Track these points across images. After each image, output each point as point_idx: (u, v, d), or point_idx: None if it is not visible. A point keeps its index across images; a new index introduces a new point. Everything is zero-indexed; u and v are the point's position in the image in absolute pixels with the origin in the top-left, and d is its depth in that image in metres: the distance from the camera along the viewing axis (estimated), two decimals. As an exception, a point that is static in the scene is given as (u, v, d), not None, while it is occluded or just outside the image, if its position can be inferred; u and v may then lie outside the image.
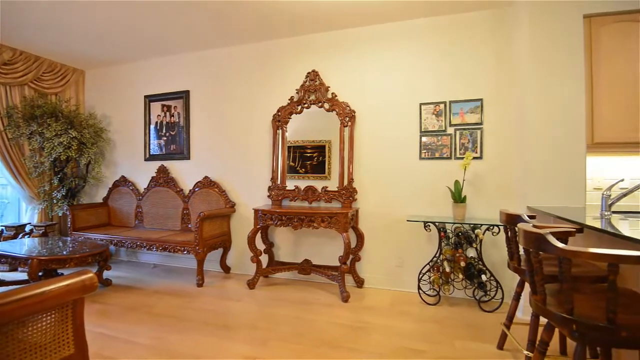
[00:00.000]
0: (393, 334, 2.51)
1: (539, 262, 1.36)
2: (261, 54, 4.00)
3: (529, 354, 1.85)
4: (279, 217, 3.34)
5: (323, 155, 3.71)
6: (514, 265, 2.03)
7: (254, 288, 3.46)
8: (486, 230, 3.00)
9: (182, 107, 4.36)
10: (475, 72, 3.28)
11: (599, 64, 2.69)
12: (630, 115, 2.63)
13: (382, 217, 3.55)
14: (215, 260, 4.05)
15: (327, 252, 3.70)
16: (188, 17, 3.39)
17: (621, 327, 1.16)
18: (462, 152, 3.29)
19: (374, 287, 3.54)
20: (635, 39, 2.64)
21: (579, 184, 2.64)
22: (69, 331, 1.09)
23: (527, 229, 1.36)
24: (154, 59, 4.50)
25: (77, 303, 1.10)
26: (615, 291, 1.15)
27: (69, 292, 1.04)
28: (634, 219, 2.02)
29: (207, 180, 4.14)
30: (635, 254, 1.09)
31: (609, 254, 1.12)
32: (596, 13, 2.68)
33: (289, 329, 2.57)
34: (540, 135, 2.74)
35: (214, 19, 3.43)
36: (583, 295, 1.42)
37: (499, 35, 3.22)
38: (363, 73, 3.63)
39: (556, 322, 1.31)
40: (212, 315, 2.83)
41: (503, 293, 3.01)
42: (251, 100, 4.04)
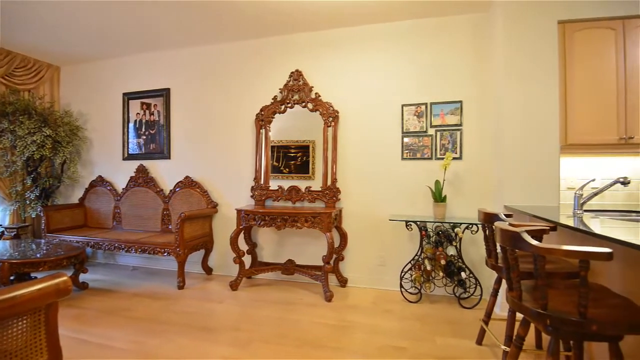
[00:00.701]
0: (376, 332, 2.54)
1: (515, 260, 1.41)
2: (244, 52, 3.96)
3: (506, 348, 1.91)
4: (262, 218, 3.32)
5: (307, 155, 3.71)
6: (492, 262, 2.09)
7: (237, 289, 3.43)
8: (465, 228, 3.08)
9: (163, 105, 4.27)
10: (455, 74, 3.36)
11: (573, 69, 2.80)
12: (602, 118, 2.76)
13: (365, 217, 3.58)
14: (197, 261, 3.99)
15: (310, 252, 3.70)
16: (169, 13, 3.32)
17: (592, 321, 1.21)
18: (442, 152, 3.36)
19: (357, 286, 3.56)
20: (607, 45, 2.76)
21: (553, 184, 2.75)
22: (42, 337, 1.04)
23: (504, 227, 1.41)
24: (133, 56, 4.38)
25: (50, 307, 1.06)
26: (587, 286, 1.20)
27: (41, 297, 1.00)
28: (604, 217, 2.12)
29: (189, 180, 4.06)
30: (604, 251, 1.14)
31: (580, 251, 1.16)
32: (570, 19, 2.79)
33: (272, 330, 2.56)
34: (516, 137, 2.83)
35: (195, 16, 3.38)
36: (557, 290, 1.48)
37: (477, 39, 3.30)
38: (346, 73, 3.65)
39: (531, 318, 1.35)
40: (194, 317, 2.79)
41: (482, 290, 3.09)
42: (234, 99, 4.00)
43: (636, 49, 2.72)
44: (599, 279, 1.83)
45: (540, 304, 1.29)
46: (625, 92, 2.73)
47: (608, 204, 2.98)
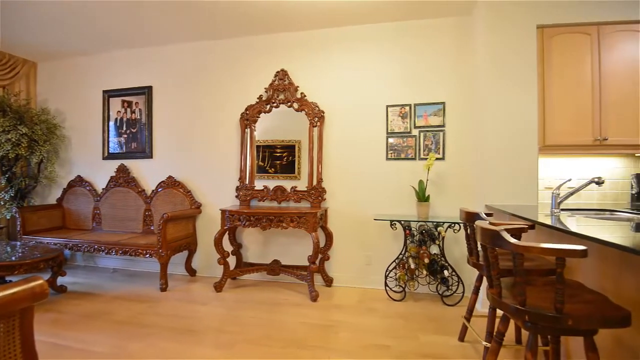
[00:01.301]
0: (360, 331, 2.56)
1: (495, 257, 1.44)
2: (229, 50, 3.92)
3: (487, 344, 1.96)
4: (247, 218, 3.29)
5: (293, 155, 3.70)
6: (473, 260, 2.14)
7: (221, 291, 3.39)
8: (448, 227, 3.14)
9: (144, 104, 4.18)
10: (439, 76, 3.42)
11: (551, 72, 2.89)
12: (578, 120, 2.86)
13: (350, 217, 3.60)
14: (180, 263, 3.92)
15: (296, 252, 3.69)
16: (151, 9, 3.26)
17: (568, 316, 1.25)
18: (425, 153, 3.41)
19: (342, 286, 3.58)
20: (583, 49, 2.87)
21: (531, 184, 2.83)
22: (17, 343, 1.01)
23: (484, 226, 1.44)
24: (114, 52, 4.27)
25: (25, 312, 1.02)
26: (563, 283, 1.24)
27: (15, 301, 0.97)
28: (580, 216, 2.20)
29: (171, 180, 3.99)
30: (579, 248, 1.18)
31: (556, 249, 1.20)
32: (549, 24, 2.88)
33: (257, 331, 2.54)
34: (496, 138, 2.90)
35: (179, 13, 3.32)
36: (535, 287, 1.52)
37: (460, 42, 3.37)
38: (332, 74, 3.66)
39: (511, 314, 1.39)
40: (177, 320, 2.74)
41: (464, 287, 3.16)
42: (218, 98, 3.95)
43: (610, 54, 2.84)
44: (575, 275, 1.89)
45: (519, 300, 1.33)
46: (600, 95, 2.84)
47: (584, 203, 3.09)
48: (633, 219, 2.10)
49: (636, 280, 1.46)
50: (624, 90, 2.82)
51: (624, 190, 3.15)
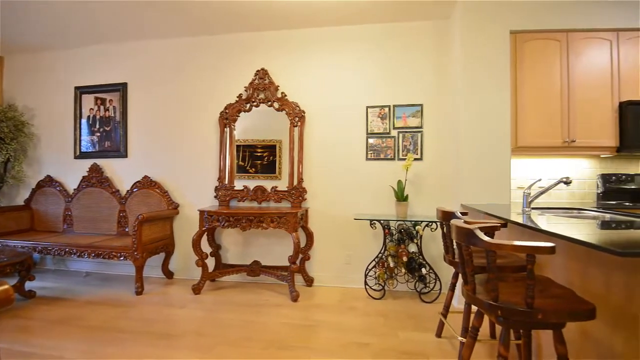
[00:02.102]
0: (341, 330, 2.57)
1: (470, 255, 1.48)
2: (208, 48, 3.85)
3: (462, 339, 2.01)
4: (227, 218, 3.24)
5: (274, 155, 3.68)
6: (449, 258, 2.19)
7: (200, 293, 3.33)
8: (425, 226, 3.21)
9: (119, 101, 4.05)
10: (417, 78, 3.48)
11: (523, 76, 3.01)
12: (548, 123, 2.99)
13: (331, 216, 3.61)
14: (157, 265, 3.82)
15: (276, 253, 3.67)
16: (125, 3, 3.16)
17: (538, 310, 1.30)
18: (404, 153, 3.47)
19: (323, 285, 3.59)
20: (552, 55, 3.00)
21: (504, 183, 2.93)
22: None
23: (459, 224, 1.48)
24: (86, 47, 4.11)
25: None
26: (533, 279, 1.29)
27: (-24, 308, 0.92)
28: (550, 214, 2.29)
29: (147, 180, 3.88)
30: (548, 245, 1.23)
31: (526, 246, 1.25)
32: (521, 30, 3.00)
33: (236, 333, 2.51)
34: (471, 139, 2.99)
35: (155, 7, 3.24)
36: (507, 283, 1.58)
37: (438, 45, 3.45)
38: (313, 74, 3.66)
39: (484, 309, 1.43)
40: (153, 324, 2.67)
41: (441, 284, 3.23)
42: (197, 96, 3.87)
43: (577, 60, 2.98)
44: (545, 271, 1.97)
45: (492, 296, 1.37)
46: (568, 100, 2.97)
47: (553, 202, 3.23)
48: (598, 217, 2.21)
49: (601, 275, 1.54)
50: (590, 95, 2.96)
51: (590, 189, 3.31)
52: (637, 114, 2.88)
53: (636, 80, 2.94)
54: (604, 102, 2.96)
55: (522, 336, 1.79)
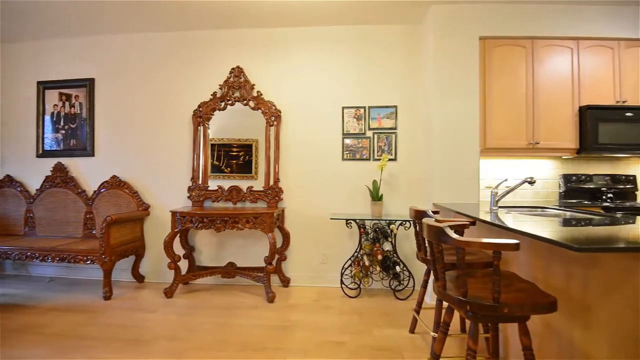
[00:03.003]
0: (317, 329, 2.58)
1: (440, 252, 1.53)
2: (181, 43, 3.75)
3: (434, 334, 2.07)
4: (200, 219, 3.17)
5: (250, 155, 3.63)
6: (422, 256, 2.25)
7: (172, 297, 3.24)
8: (399, 225, 3.27)
9: (85, 97, 3.87)
10: (392, 80, 3.55)
11: (491, 81, 3.13)
12: (514, 126, 3.13)
13: (307, 216, 3.62)
14: (127, 269, 3.68)
15: (252, 254, 3.63)
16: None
17: (504, 304, 1.36)
18: (379, 154, 3.53)
19: (300, 285, 3.58)
20: (518, 61, 3.14)
21: (473, 183, 3.05)
22: None
23: (430, 223, 1.52)
24: (50, 40, 3.90)
25: None
26: (499, 274, 1.35)
27: None
28: (515, 212, 2.40)
29: (116, 180, 3.73)
30: (512, 242, 1.29)
31: (493, 243, 1.31)
32: (489, 36, 3.12)
33: (210, 336, 2.46)
34: (443, 141, 3.09)
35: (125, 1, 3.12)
36: (475, 279, 1.64)
37: (412, 48, 3.53)
38: (289, 73, 3.65)
39: (454, 305, 1.48)
40: (122, 330, 2.57)
41: (414, 282, 3.31)
42: (168, 94, 3.76)
43: (541, 66, 3.14)
44: (511, 266, 2.06)
45: (461, 292, 1.42)
46: (533, 103, 3.13)
47: (519, 201, 3.38)
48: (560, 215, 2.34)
49: (562, 270, 1.63)
50: (553, 99, 3.13)
51: (553, 189, 3.49)
52: (595, 117, 3.07)
53: (594, 86, 3.14)
54: (565, 106, 3.13)
55: (489, 330, 1.86)
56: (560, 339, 1.63)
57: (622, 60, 3.13)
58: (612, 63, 3.14)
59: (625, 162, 3.50)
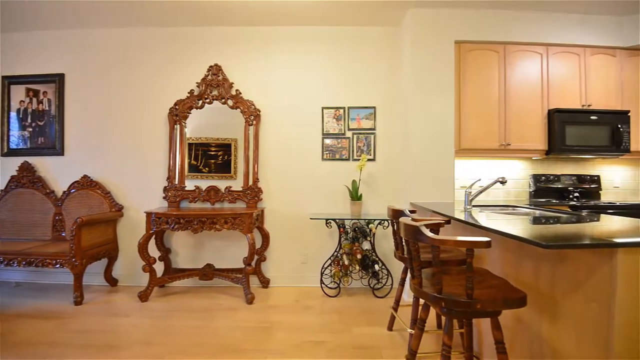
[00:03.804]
0: (297, 329, 2.58)
1: (417, 250, 1.57)
2: (156, 39, 3.65)
3: (412, 331, 2.11)
4: (177, 220, 3.10)
5: (229, 154, 3.58)
6: (399, 254, 2.29)
7: (147, 300, 3.15)
8: (378, 224, 3.32)
9: (55, 93, 3.70)
10: (371, 81, 3.60)
11: (465, 84, 3.23)
12: (487, 127, 3.24)
13: (287, 216, 3.61)
14: (99, 272, 3.55)
15: (231, 255, 3.58)
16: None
17: (477, 300, 1.41)
18: (358, 154, 3.57)
19: (279, 286, 3.57)
20: (491, 65, 3.25)
21: (449, 183, 3.13)
22: None
23: (406, 222, 1.55)
24: (16, 33, 3.69)
25: None
26: (472, 271, 1.39)
27: None
28: (488, 211, 2.48)
29: (87, 180, 3.59)
30: (484, 240, 1.34)
31: (466, 241, 1.35)
32: (464, 40, 3.21)
33: (187, 340, 2.41)
34: (419, 141, 3.16)
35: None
36: (450, 276, 1.68)
37: (390, 50, 3.59)
38: (269, 72, 3.63)
39: (430, 301, 1.52)
40: (94, 336, 2.48)
41: (392, 280, 3.37)
42: (143, 91, 3.66)
43: (513, 71, 3.26)
44: (484, 263, 2.13)
45: (437, 289, 1.45)
46: (505, 106, 3.25)
47: (492, 200, 3.50)
48: (530, 214, 2.44)
49: (531, 266, 1.70)
50: (524, 102, 3.26)
51: (523, 188, 3.63)
52: (562, 120, 3.22)
53: (562, 90, 3.29)
54: (535, 109, 3.27)
55: (464, 325, 1.92)
56: (530, 333, 1.70)
57: (587, 66, 3.30)
58: (579, 69, 3.30)
59: (591, 162, 3.69)
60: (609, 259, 1.26)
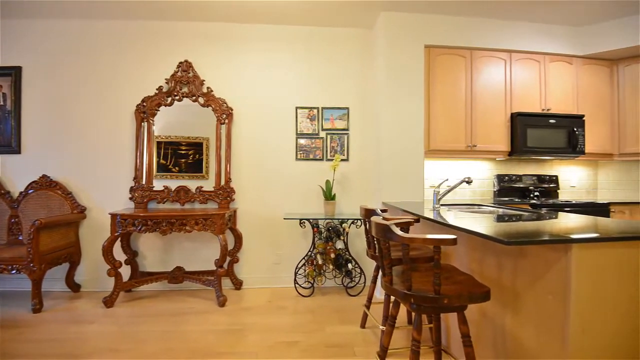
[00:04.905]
0: (269, 330, 2.56)
1: (387, 249, 1.60)
2: (123, 33, 3.49)
3: (383, 328, 2.15)
4: (144, 222, 2.99)
5: (200, 153, 3.50)
6: (371, 252, 2.33)
7: (113, 306, 3.01)
8: (351, 223, 3.36)
9: (10, 87, 3.46)
10: (344, 82, 3.63)
11: (435, 86, 3.33)
12: (454, 129, 3.36)
13: (260, 217, 3.57)
14: (60, 278, 3.35)
15: (202, 257, 3.50)
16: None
17: (444, 296, 1.46)
18: (332, 154, 3.59)
19: (253, 287, 3.53)
20: (459, 69, 3.37)
21: (419, 183, 3.22)
22: None
23: (377, 221, 1.59)
24: (-38, 23, 3.44)
25: None
26: (439, 268, 1.44)
27: None
28: (455, 210, 2.58)
29: (46, 180, 3.39)
30: (450, 237, 1.39)
31: (433, 239, 1.39)
32: (434, 45, 3.31)
33: (156, 346, 2.33)
34: (391, 142, 3.23)
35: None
36: (420, 273, 1.74)
37: (363, 52, 3.64)
38: (242, 71, 3.58)
39: (400, 298, 1.56)
40: (55, 345, 2.34)
41: (365, 278, 3.42)
42: (108, 86, 3.49)
43: (479, 75, 3.40)
44: (451, 260, 2.21)
45: (406, 285, 1.49)
46: (471, 109, 3.38)
47: (459, 199, 3.64)
48: (494, 212, 2.55)
49: (495, 262, 1.78)
50: (488, 106, 3.41)
51: (488, 187, 3.80)
52: (524, 123, 3.39)
53: (524, 95, 3.47)
54: (499, 112, 3.43)
55: (432, 320, 1.98)
56: (494, 325, 1.78)
57: (547, 72, 3.50)
58: (539, 75, 3.49)
59: (549, 163, 3.92)
60: (565, 254, 1.34)
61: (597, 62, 3.58)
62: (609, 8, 3.17)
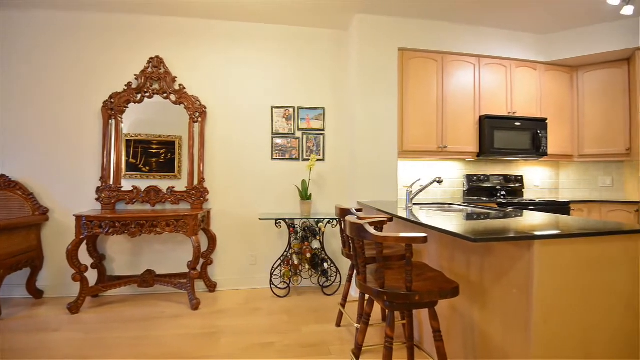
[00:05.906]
0: (244, 332, 2.53)
1: (362, 247, 1.62)
2: (90, 25, 3.32)
3: (358, 326, 2.18)
4: (111, 224, 2.87)
5: (172, 152, 3.40)
6: (347, 252, 2.36)
7: (78, 312, 2.87)
8: (327, 223, 3.38)
9: (-39, 83, 3.22)
10: (320, 82, 3.65)
11: (408, 89, 3.41)
12: (426, 131, 3.45)
13: (235, 217, 3.52)
14: (21, 284, 3.16)
15: (174, 259, 3.41)
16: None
17: (415, 292, 1.50)
18: (308, 154, 3.60)
19: (227, 289, 3.47)
20: (430, 73, 3.47)
21: (392, 182, 3.29)
22: None
23: (351, 220, 1.61)
24: None
25: None
26: (411, 265, 1.48)
27: None
28: (427, 209, 2.65)
29: (5, 180, 3.18)
30: (420, 236, 1.43)
31: (404, 237, 1.43)
32: (407, 48, 3.39)
33: (125, 352, 2.25)
34: (365, 143, 3.28)
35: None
36: (393, 270, 1.77)
37: (339, 53, 3.67)
38: (216, 68, 3.51)
39: (374, 296, 1.59)
40: (17, 354, 2.20)
41: (341, 277, 3.45)
42: (72, 81, 3.31)
43: (449, 79, 3.51)
44: (423, 257, 2.28)
45: (379, 283, 1.52)
46: (442, 112, 3.48)
47: (431, 198, 3.74)
48: (463, 211, 2.65)
49: (464, 259, 1.85)
50: (459, 108, 3.53)
51: (458, 187, 3.93)
52: (491, 126, 3.53)
53: (491, 98, 3.61)
54: (468, 115, 3.56)
55: (405, 316, 2.02)
56: (464, 320, 1.85)
57: (513, 77, 3.66)
58: (505, 79, 3.65)
59: (515, 164, 4.10)
60: (528, 250, 1.42)
61: (559, 68, 3.79)
62: (570, 18, 3.36)
